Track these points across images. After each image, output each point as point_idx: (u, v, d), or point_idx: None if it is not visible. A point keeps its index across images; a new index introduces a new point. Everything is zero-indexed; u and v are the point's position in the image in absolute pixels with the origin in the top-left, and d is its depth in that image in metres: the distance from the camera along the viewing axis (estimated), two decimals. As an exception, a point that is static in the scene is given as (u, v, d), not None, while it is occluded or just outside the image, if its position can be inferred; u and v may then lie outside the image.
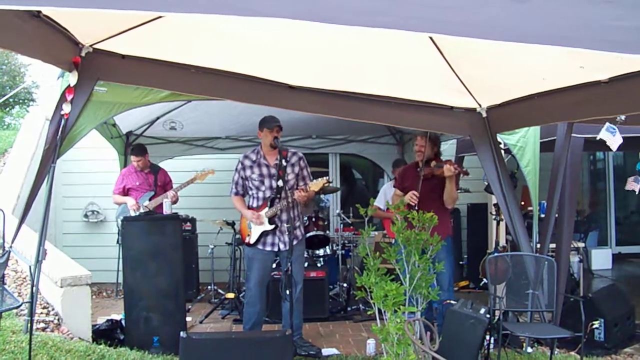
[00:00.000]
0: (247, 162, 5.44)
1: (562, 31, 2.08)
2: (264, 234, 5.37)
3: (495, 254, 6.39)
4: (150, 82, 4.85)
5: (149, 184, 7.19)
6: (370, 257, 4.35)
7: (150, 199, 6.97)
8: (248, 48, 4.35)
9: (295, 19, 2.02)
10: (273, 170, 5.37)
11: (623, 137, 4.54)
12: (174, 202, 7.06)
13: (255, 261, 5.43)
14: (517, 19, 2.11)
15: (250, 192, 5.49)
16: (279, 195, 5.35)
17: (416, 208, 5.24)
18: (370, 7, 2.09)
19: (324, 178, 5.41)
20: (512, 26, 2.11)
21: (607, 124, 4.31)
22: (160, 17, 3.79)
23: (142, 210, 6.77)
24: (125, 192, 7.17)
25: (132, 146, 7.63)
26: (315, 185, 5.37)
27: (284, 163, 5.36)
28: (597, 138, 4.38)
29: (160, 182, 7.24)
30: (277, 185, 5.34)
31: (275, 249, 5.40)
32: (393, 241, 5.41)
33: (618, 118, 4.07)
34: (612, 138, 4.33)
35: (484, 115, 5.51)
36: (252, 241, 5.40)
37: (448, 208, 5.67)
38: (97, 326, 5.48)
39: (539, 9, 2.13)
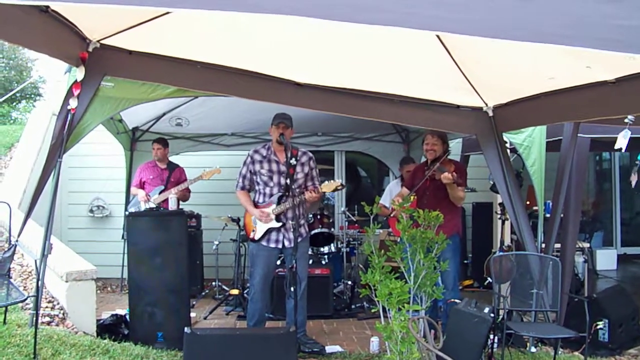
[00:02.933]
0: (257, 157, 5.44)
1: (566, 30, 2.08)
2: (269, 230, 5.37)
3: (500, 253, 6.38)
4: (156, 77, 4.87)
5: (161, 178, 7.33)
6: (375, 255, 4.35)
7: (160, 194, 7.03)
8: (255, 45, 4.36)
9: (302, 16, 2.03)
10: (283, 168, 5.36)
11: (630, 138, 4.51)
12: (185, 199, 7.13)
13: (259, 258, 5.43)
14: (521, 17, 2.11)
15: (257, 188, 5.49)
16: (286, 193, 5.35)
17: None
18: (375, 5, 2.09)
19: (337, 181, 5.41)
20: (516, 25, 2.11)
21: (624, 131, 4.26)
22: (167, 13, 3.80)
23: (152, 204, 6.82)
24: (142, 185, 7.32)
25: (157, 138, 7.67)
26: (327, 187, 5.37)
27: (294, 162, 5.36)
28: (616, 147, 4.32)
29: (173, 179, 7.35)
30: (286, 183, 5.34)
31: (280, 246, 5.41)
32: (398, 239, 5.41)
33: (627, 119, 4.05)
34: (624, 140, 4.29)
35: (490, 114, 5.50)
36: (257, 237, 5.41)
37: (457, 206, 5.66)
38: (102, 321, 5.50)
39: (543, 8, 2.13)
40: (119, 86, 4.93)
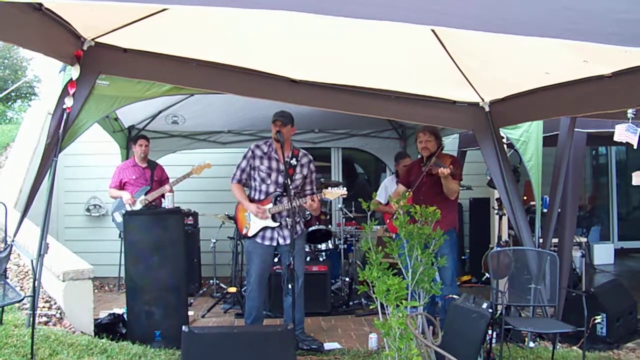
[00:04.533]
0: (258, 152, 5.41)
1: (566, 24, 2.07)
2: (264, 228, 5.36)
3: (498, 249, 6.38)
4: (152, 75, 4.85)
5: (145, 178, 7.20)
6: (373, 251, 4.34)
7: (146, 194, 6.97)
8: (250, 41, 4.34)
9: (296, 11, 2.01)
10: (282, 166, 5.33)
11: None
12: None
13: (255, 255, 5.42)
14: (519, 11, 2.10)
15: (253, 184, 5.46)
16: (283, 193, 5.33)
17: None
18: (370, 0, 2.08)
19: (343, 189, 5.37)
20: (514, 19, 2.10)
21: (628, 124, 4.26)
22: (162, 10, 3.78)
23: (138, 205, 6.76)
24: (122, 186, 7.15)
25: (137, 134, 7.62)
26: (331, 194, 5.33)
27: (294, 162, 5.34)
28: (616, 139, 4.33)
29: (157, 177, 7.25)
30: (284, 182, 5.31)
31: (274, 244, 5.39)
32: (394, 236, 5.39)
33: (629, 115, 4.04)
34: (633, 136, 4.29)
35: (487, 109, 5.49)
36: (250, 233, 5.38)
37: (452, 199, 5.64)
38: (99, 320, 5.49)
39: (542, 1, 2.12)
40: (115, 84, 4.91)
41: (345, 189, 5.43)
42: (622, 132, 4.27)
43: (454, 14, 2.07)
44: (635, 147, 4.23)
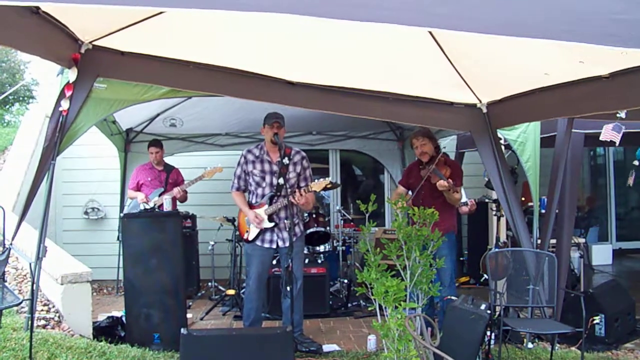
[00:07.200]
0: (250, 157, 5.43)
1: (562, 25, 2.07)
2: (263, 230, 5.36)
3: (496, 250, 6.38)
4: (149, 78, 4.85)
5: (160, 180, 7.32)
6: (371, 253, 4.34)
7: (159, 196, 7.02)
8: (247, 44, 4.34)
9: (297, 14, 2.02)
10: (275, 167, 5.35)
11: (623, 133, 4.52)
12: (183, 200, 7.12)
13: (254, 258, 5.42)
14: (516, 13, 2.10)
15: (250, 188, 5.48)
16: (278, 193, 5.33)
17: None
18: (366, 1, 2.08)
19: (327, 179, 5.38)
20: (512, 20, 2.10)
21: (614, 123, 4.30)
22: (159, 13, 3.78)
23: (151, 205, 6.81)
24: (139, 187, 7.29)
25: (151, 140, 7.66)
26: (317, 185, 5.34)
27: (286, 161, 5.35)
28: (601, 138, 4.37)
29: (171, 180, 7.35)
30: (278, 183, 5.32)
31: (274, 246, 5.39)
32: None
33: (618, 115, 4.05)
34: (617, 134, 4.32)
35: (484, 110, 5.50)
36: (250, 237, 5.40)
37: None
38: (98, 323, 5.48)
39: (540, 3, 2.12)
40: (112, 87, 4.92)
41: (329, 178, 5.45)
42: (608, 132, 4.31)
43: (450, 16, 2.07)
44: (617, 145, 4.26)
